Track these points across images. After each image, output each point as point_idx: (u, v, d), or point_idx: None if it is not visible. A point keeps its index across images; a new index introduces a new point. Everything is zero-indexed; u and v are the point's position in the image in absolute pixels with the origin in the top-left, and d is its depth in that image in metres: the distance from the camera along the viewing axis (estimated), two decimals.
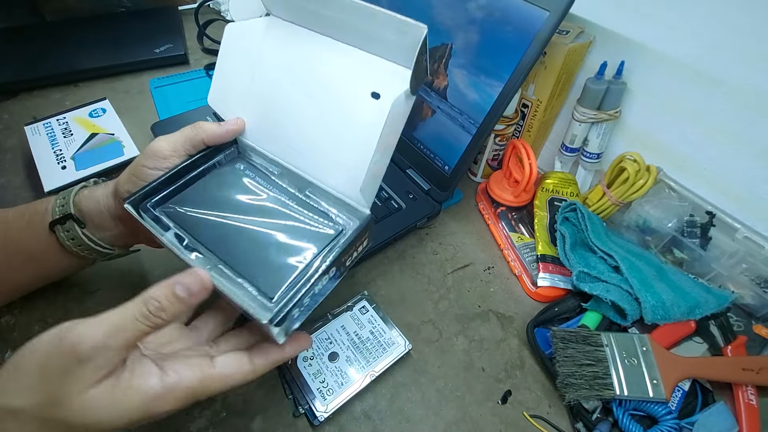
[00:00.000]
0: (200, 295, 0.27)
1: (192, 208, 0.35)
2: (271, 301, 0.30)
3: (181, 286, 0.26)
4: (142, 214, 0.34)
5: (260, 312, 0.28)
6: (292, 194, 0.37)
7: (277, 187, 0.37)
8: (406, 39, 0.30)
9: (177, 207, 0.35)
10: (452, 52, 0.50)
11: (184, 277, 0.26)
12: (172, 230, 0.34)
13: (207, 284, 0.27)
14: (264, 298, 0.30)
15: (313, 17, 0.35)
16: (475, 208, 0.59)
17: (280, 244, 0.33)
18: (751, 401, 0.39)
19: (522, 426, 0.39)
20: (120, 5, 0.87)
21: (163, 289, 0.26)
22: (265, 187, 0.37)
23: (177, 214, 0.35)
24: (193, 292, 0.26)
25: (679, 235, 0.47)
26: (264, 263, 0.32)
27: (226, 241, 0.33)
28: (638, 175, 0.49)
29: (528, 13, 0.43)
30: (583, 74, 0.54)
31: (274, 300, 0.30)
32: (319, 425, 0.37)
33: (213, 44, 0.84)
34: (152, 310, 0.25)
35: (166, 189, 0.36)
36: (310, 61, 0.36)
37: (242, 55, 0.39)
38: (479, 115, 0.48)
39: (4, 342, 0.41)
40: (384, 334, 0.43)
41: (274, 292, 0.30)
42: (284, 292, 0.30)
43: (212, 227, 0.34)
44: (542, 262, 0.49)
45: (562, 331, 0.41)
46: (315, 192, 0.37)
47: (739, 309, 0.46)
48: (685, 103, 0.47)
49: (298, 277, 0.31)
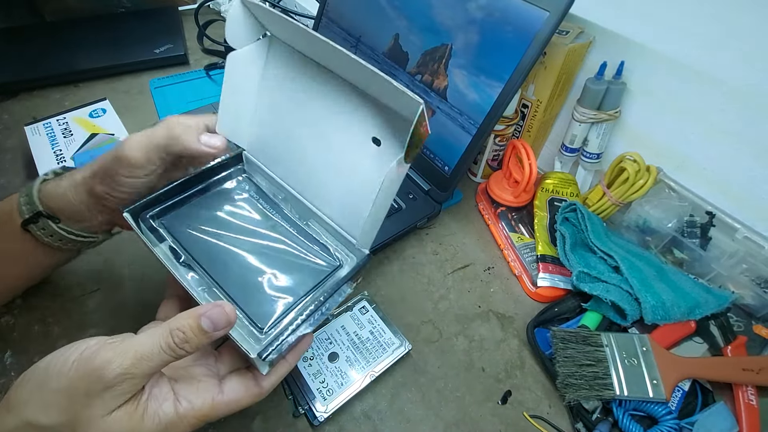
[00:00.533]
0: (224, 330, 0.27)
1: (191, 224, 0.35)
2: (261, 332, 0.30)
3: (207, 320, 0.26)
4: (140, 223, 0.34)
5: (249, 344, 0.29)
6: (293, 222, 0.37)
7: (279, 213, 0.37)
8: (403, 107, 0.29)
9: (177, 221, 0.35)
10: (452, 53, 0.50)
11: (210, 310, 0.26)
12: (167, 242, 0.34)
13: (232, 319, 0.27)
14: (254, 327, 0.30)
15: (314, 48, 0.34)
16: (475, 208, 0.59)
17: (275, 275, 0.33)
18: (751, 401, 0.39)
19: (522, 426, 0.39)
20: (120, 5, 0.87)
21: (189, 321, 0.26)
22: (267, 211, 0.37)
23: (176, 229, 0.34)
24: (218, 326, 0.27)
25: (679, 235, 0.47)
26: (257, 292, 0.32)
27: (222, 263, 0.33)
28: (638, 175, 0.49)
29: (528, 13, 0.43)
30: (583, 74, 0.54)
31: (264, 331, 0.30)
32: (319, 425, 0.37)
33: (213, 44, 0.84)
34: (177, 342, 0.25)
35: (167, 201, 0.36)
36: (310, 91, 0.35)
37: (245, 81, 0.38)
38: (479, 116, 0.48)
39: (4, 342, 0.41)
40: (384, 334, 0.43)
41: (264, 323, 0.30)
42: (273, 324, 0.30)
43: (209, 247, 0.34)
44: (542, 263, 0.49)
45: (562, 331, 0.41)
46: (317, 223, 0.37)
47: (739, 309, 0.46)
48: (685, 103, 0.47)
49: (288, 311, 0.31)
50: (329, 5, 0.66)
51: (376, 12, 0.57)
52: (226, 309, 0.27)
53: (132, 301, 0.45)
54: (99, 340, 0.25)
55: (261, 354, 0.28)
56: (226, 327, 0.27)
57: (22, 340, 0.42)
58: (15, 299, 0.44)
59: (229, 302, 0.29)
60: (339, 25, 0.64)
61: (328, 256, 0.35)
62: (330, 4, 0.66)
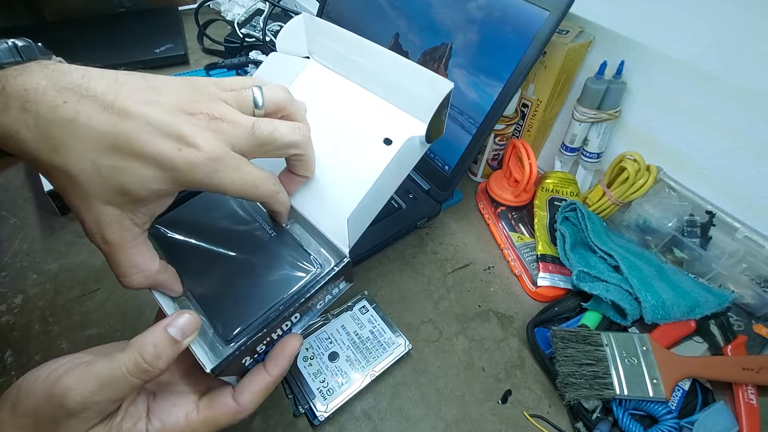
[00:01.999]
0: (193, 336, 0.26)
1: (173, 231, 0.34)
2: (226, 344, 0.28)
3: (174, 329, 0.25)
4: None
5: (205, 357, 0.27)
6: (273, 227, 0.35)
7: (261, 216, 0.35)
8: (431, 93, 0.31)
9: (160, 227, 0.34)
10: (452, 52, 0.50)
11: (174, 320, 0.25)
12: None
13: (197, 323, 0.26)
14: (219, 339, 0.28)
15: (348, 63, 0.36)
16: (475, 207, 0.59)
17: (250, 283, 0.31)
18: (751, 401, 0.39)
19: (522, 426, 0.39)
20: (120, 5, 0.88)
21: (156, 333, 0.25)
22: (251, 214, 0.35)
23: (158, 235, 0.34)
24: (186, 333, 0.25)
25: (679, 234, 0.47)
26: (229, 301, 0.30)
27: (197, 272, 0.32)
28: (638, 174, 0.49)
29: (528, 12, 0.43)
30: (583, 74, 0.54)
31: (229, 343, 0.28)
32: (319, 425, 0.37)
33: (213, 44, 0.84)
34: (148, 359, 0.24)
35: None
36: (334, 105, 0.37)
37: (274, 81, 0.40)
38: (479, 115, 0.48)
39: (4, 341, 0.41)
40: (384, 333, 0.43)
41: (228, 335, 0.28)
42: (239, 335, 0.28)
43: (188, 255, 0.33)
44: (542, 262, 0.49)
45: (562, 330, 0.41)
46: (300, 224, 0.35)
47: (739, 308, 0.46)
48: (685, 102, 0.47)
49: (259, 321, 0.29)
50: (329, 5, 0.66)
51: (376, 11, 0.57)
52: (188, 314, 0.26)
53: (132, 301, 0.45)
54: (69, 360, 0.25)
55: (215, 369, 0.26)
56: (192, 330, 0.26)
57: (22, 339, 0.42)
58: (15, 298, 0.44)
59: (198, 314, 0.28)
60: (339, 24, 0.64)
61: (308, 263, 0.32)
62: (330, 3, 0.66)
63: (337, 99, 0.37)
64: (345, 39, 0.35)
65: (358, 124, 0.35)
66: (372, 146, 0.34)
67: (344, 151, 0.35)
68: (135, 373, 0.24)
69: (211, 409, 0.27)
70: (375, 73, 0.35)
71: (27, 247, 0.49)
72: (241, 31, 0.82)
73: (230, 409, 0.27)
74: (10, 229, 0.51)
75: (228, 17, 0.89)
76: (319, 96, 0.38)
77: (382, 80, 0.34)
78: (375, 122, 0.35)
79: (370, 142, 0.34)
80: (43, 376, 0.24)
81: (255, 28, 0.83)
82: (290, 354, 0.30)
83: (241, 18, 0.84)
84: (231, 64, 0.76)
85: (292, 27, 0.38)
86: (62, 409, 0.23)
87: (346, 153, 0.35)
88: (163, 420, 0.26)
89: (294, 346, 0.30)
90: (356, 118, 0.36)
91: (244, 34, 0.81)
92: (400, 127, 0.34)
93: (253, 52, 0.78)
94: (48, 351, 0.41)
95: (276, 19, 0.85)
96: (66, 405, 0.22)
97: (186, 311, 0.26)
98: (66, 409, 0.23)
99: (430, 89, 0.31)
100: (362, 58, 0.35)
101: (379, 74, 0.34)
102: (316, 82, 0.39)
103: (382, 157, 0.32)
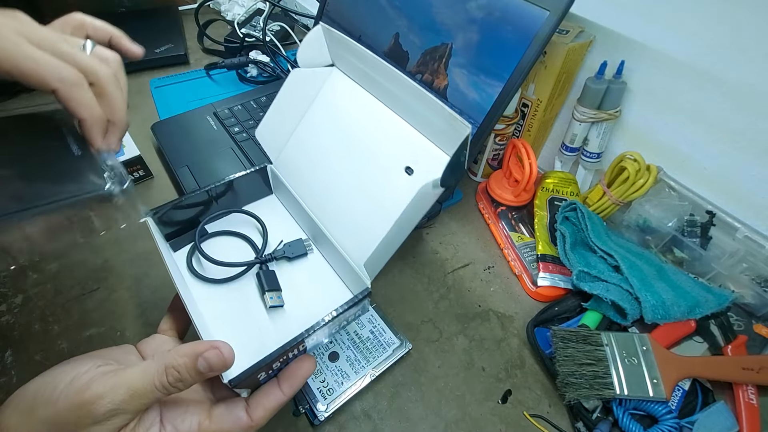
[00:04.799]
0: (220, 371, 0.27)
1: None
2: None
3: (204, 361, 0.26)
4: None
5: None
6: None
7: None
8: (450, 130, 0.30)
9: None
10: (452, 52, 0.50)
11: (208, 351, 0.26)
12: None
13: (228, 363, 0.27)
14: None
15: (372, 82, 0.36)
16: (475, 207, 0.59)
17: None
18: (752, 401, 0.39)
19: (522, 425, 0.39)
20: (120, 5, 0.88)
21: (186, 359, 0.26)
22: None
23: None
24: (214, 368, 0.26)
25: (680, 234, 0.47)
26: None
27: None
28: (638, 174, 0.49)
29: (528, 12, 0.43)
30: (583, 74, 0.54)
31: None
32: (320, 425, 0.37)
33: (213, 44, 0.84)
34: (171, 381, 0.25)
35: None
36: (357, 121, 0.37)
37: (298, 99, 0.40)
38: (479, 115, 0.48)
39: (5, 341, 0.41)
40: (384, 333, 0.43)
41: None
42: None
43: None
44: (542, 262, 0.49)
45: (562, 330, 0.41)
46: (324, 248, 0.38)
47: (739, 308, 0.46)
48: (686, 102, 0.47)
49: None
50: (329, 5, 0.66)
51: (376, 11, 0.57)
52: (224, 352, 0.26)
53: (132, 301, 0.45)
54: (91, 368, 0.25)
55: (232, 381, 0.27)
56: (221, 369, 0.26)
57: (23, 339, 0.42)
58: (15, 298, 0.44)
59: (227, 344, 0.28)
60: (339, 24, 0.64)
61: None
62: (330, 3, 0.66)
63: (361, 114, 0.37)
64: (365, 57, 0.34)
65: (380, 146, 0.35)
66: (394, 174, 0.34)
67: (366, 175, 0.35)
68: (160, 389, 0.25)
69: (225, 421, 0.28)
70: (396, 97, 0.34)
71: None
72: (241, 31, 0.82)
73: (243, 422, 0.28)
74: None
75: (228, 17, 0.89)
76: (344, 109, 0.38)
77: (403, 104, 0.34)
78: (397, 146, 0.34)
79: (392, 169, 0.34)
80: (63, 384, 0.24)
81: (255, 28, 0.83)
82: (304, 376, 0.31)
83: (241, 18, 0.84)
84: (231, 63, 0.76)
85: (312, 39, 0.37)
86: (89, 416, 0.23)
87: (367, 177, 0.35)
88: (176, 426, 0.27)
89: (308, 369, 0.32)
90: (379, 138, 0.36)
91: (244, 34, 0.81)
92: (422, 155, 0.33)
93: (253, 52, 0.78)
94: (48, 351, 0.41)
95: (276, 19, 0.85)
96: (95, 412, 0.23)
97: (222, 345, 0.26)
98: (93, 416, 0.23)
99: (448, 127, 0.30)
100: (382, 79, 0.34)
101: (400, 98, 0.34)
102: (340, 93, 0.39)
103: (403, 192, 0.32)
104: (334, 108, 0.39)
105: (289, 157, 0.41)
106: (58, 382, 0.24)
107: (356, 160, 0.36)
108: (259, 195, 0.43)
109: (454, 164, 0.29)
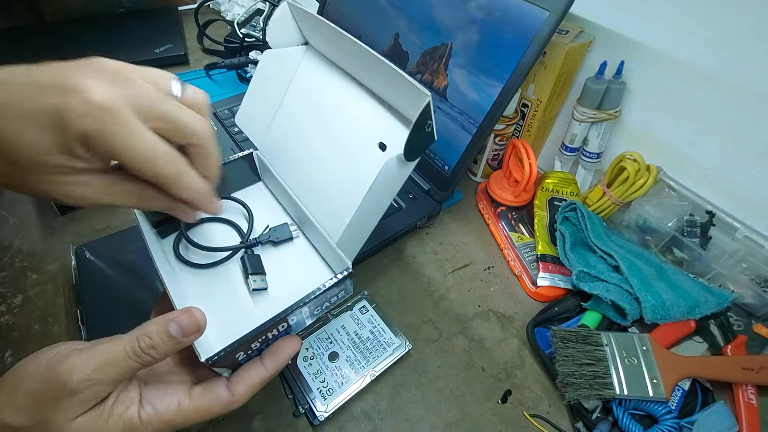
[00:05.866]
0: (194, 337, 0.26)
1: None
2: None
3: (176, 325, 0.25)
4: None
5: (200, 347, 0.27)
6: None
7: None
8: (412, 100, 0.29)
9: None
10: (452, 52, 0.50)
11: (179, 316, 0.26)
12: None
13: (201, 326, 0.26)
14: None
15: (343, 58, 0.36)
16: (475, 207, 0.59)
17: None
18: (751, 401, 0.39)
19: (522, 425, 0.39)
20: (120, 5, 0.88)
21: (157, 326, 0.25)
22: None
23: None
24: (186, 332, 0.26)
25: (679, 234, 0.47)
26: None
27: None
28: (638, 174, 0.49)
29: (528, 12, 0.43)
30: (583, 74, 0.54)
31: None
32: (319, 425, 0.37)
33: (213, 44, 0.84)
34: (143, 348, 0.25)
35: None
36: (334, 99, 0.37)
37: (274, 81, 0.39)
38: (479, 115, 0.48)
39: (4, 341, 0.41)
40: (384, 333, 0.43)
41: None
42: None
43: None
44: (542, 262, 0.49)
45: (562, 330, 0.41)
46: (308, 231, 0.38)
47: (739, 308, 0.46)
48: (685, 102, 0.47)
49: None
50: (329, 5, 0.66)
51: (376, 11, 0.57)
52: (196, 314, 0.26)
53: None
54: (70, 345, 0.25)
55: (209, 360, 0.27)
56: (195, 333, 0.26)
57: (22, 339, 0.42)
58: (15, 298, 0.44)
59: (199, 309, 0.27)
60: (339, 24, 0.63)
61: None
62: (330, 3, 0.66)
63: (336, 93, 0.37)
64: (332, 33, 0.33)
65: (356, 123, 0.35)
66: (368, 151, 0.34)
67: (342, 153, 0.35)
68: (133, 357, 0.24)
69: (204, 399, 0.28)
70: (367, 72, 0.34)
71: (27, 247, 0.49)
72: (241, 31, 0.82)
73: (223, 399, 0.28)
74: (9, 229, 0.51)
75: (228, 17, 0.89)
76: (319, 89, 0.38)
77: (373, 79, 0.34)
78: (372, 123, 0.34)
79: (366, 145, 0.34)
80: (45, 360, 0.24)
81: (255, 28, 0.83)
82: (288, 354, 0.31)
83: (241, 18, 0.84)
84: (231, 64, 0.76)
85: (279, 18, 0.37)
86: (65, 387, 0.23)
87: (344, 155, 0.35)
88: (155, 406, 0.26)
89: (292, 347, 0.31)
90: (354, 116, 0.35)
91: (244, 34, 0.81)
92: (396, 130, 0.33)
93: (252, 52, 0.78)
94: None
95: None
96: (70, 382, 0.23)
97: (194, 309, 0.26)
98: (69, 387, 0.23)
99: (408, 98, 0.29)
100: (351, 54, 0.34)
101: (369, 73, 0.34)
102: (315, 74, 0.38)
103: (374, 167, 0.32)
104: (310, 89, 0.38)
105: (273, 142, 0.41)
106: (43, 358, 0.24)
107: (333, 140, 0.36)
108: (248, 182, 0.43)
109: (417, 134, 0.28)
